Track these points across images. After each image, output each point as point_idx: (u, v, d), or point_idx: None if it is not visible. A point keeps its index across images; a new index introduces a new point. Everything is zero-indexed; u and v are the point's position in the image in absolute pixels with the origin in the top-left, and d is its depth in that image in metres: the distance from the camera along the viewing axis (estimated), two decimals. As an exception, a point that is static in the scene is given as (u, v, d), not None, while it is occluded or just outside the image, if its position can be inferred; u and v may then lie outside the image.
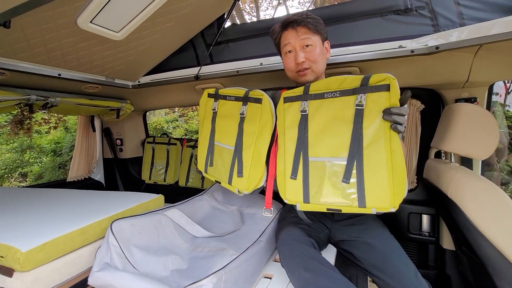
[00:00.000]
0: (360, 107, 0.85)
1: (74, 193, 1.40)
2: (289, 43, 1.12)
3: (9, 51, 1.27)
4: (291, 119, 1.01)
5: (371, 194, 0.85)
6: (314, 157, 0.94)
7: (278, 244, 1.04)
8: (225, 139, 1.22)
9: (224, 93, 1.29)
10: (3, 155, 5.16)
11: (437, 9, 1.25)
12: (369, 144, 0.85)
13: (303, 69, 1.11)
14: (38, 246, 0.74)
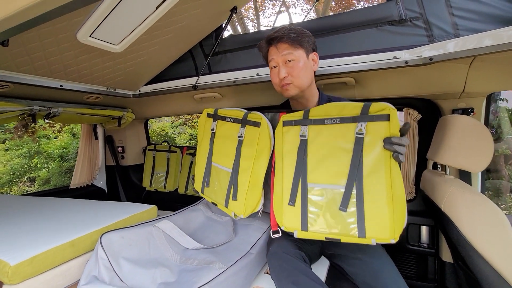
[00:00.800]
0: (360, 135, 0.86)
1: (69, 202, 1.43)
2: (273, 59, 1.16)
3: (12, 65, 1.32)
4: (290, 143, 0.99)
5: (371, 224, 0.84)
6: (313, 184, 0.93)
7: (268, 256, 1.03)
8: (222, 160, 1.20)
9: (223, 114, 1.27)
10: (12, 160, 5.29)
11: (431, 20, 1.25)
12: (369, 172, 0.85)
13: (285, 84, 1.14)
14: (27, 259, 0.76)
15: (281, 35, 1.12)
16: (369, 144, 0.85)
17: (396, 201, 0.83)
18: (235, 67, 1.69)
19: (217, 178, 1.20)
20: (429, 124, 1.54)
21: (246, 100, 1.92)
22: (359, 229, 0.85)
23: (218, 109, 1.31)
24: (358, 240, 0.86)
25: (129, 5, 1.22)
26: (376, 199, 0.84)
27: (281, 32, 1.13)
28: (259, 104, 1.94)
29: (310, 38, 1.16)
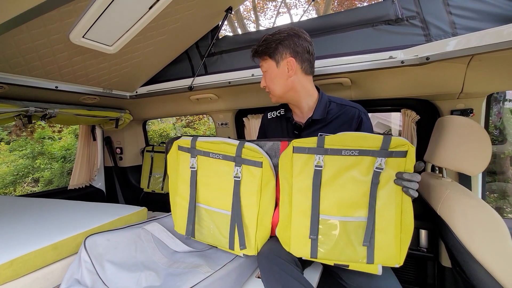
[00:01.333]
0: (379, 170, 0.86)
1: (59, 204, 1.42)
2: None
3: (6, 66, 1.32)
4: (302, 171, 0.94)
5: (380, 252, 0.87)
6: (327, 215, 0.92)
7: (258, 257, 1.01)
8: (216, 202, 1.07)
9: (205, 148, 1.08)
10: (16, 161, 5.36)
11: (428, 19, 1.22)
12: (382, 205, 0.87)
13: (267, 91, 1.22)
14: (6, 262, 0.75)
15: (254, 51, 1.19)
16: (385, 178, 0.87)
17: (404, 231, 0.86)
18: (230, 68, 1.68)
19: (212, 221, 1.07)
20: (427, 125, 1.51)
21: (242, 101, 1.91)
22: (368, 257, 0.88)
23: (197, 140, 1.11)
24: (365, 267, 0.89)
25: (121, 6, 1.22)
26: (386, 229, 0.87)
27: (255, 46, 1.19)
28: (255, 105, 1.92)
29: (282, 43, 1.11)
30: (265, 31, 1.63)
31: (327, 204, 0.92)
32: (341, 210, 0.91)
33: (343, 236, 0.90)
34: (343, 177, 0.91)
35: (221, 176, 1.04)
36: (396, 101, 1.58)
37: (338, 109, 1.19)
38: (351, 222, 0.90)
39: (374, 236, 0.88)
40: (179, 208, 1.14)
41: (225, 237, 1.04)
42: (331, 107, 1.20)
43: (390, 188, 0.86)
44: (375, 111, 1.71)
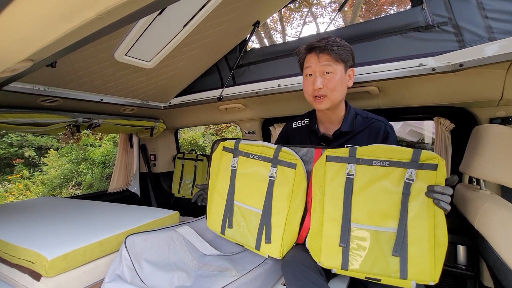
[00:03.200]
0: (410, 181, 0.87)
1: (102, 206, 1.56)
2: (310, 66, 1.13)
3: (62, 83, 1.50)
4: (334, 180, 0.97)
5: (413, 267, 0.86)
6: (357, 224, 0.92)
7: (282, 266, 1.02)
8: (249, 200, 1.11)
9: (246, 150, 1.16)
10: (63, 165, 5.89)
11: (462, 24, 1.18)
12: (413, 217, 0.87)
13: (319, 95, 1.12)
14: (61, 255, 0.86)
15: (324, 46, 1.09)
16: (416, 190, 0.87)
17: (438, 246, 0.84)
18: (257, 79, 1.74)
19: (243, 219, 1.11)
20: (463, 134, 1.43)
21: (268, 110, 1.95)
22: (401, 271, 0.86)
23: (239, 143, 1.19)
24: (398, 282, 0.87)
25: (158, 26, 1.35)
26: (419, 242, 0.86)
27: (324, 42, 1.10)
28: (281, 114, 1.96)
29: (351, 53, 1.14)
30: (294, 42, 1.67)
31: (358, 212, 0.92)
32: (372, 220, 0.91)
33: (374, 247, 0.89)
34: (374, 186, 0.92)
35: (257, 176, 1.10)
36: (428, 109, 1.52)
37: (364, 122, 1.19)
38: (383, 232, 0.89)
39: (406, 249, 0.86)
40: (215, 204, 1.20)
41: (253, 236, 1.07)
42: (357, 120, 1.20)
43: (422, 200, 0.86)
44: (405, 119, 1.66)
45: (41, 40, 0.60)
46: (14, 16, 0.50)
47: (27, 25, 0.54)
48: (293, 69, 1.61)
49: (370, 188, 0.92)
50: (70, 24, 0.51)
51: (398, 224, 0.87)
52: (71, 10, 0.46)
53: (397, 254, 0.86)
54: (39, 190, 5.70)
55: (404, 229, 0.86)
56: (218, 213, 1.18)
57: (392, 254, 0.86)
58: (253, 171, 1.12)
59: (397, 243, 0.86)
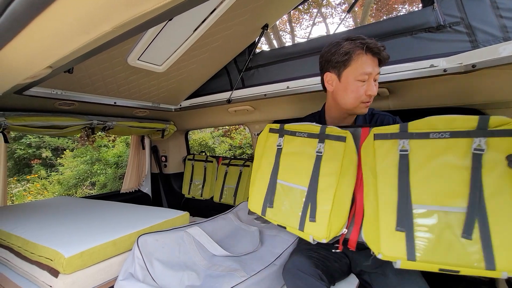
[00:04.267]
0: (479, 152, 0.76)
1: (115, 206, 1.62)
2: (370, 73, 1.03)
3: (77, 87, 1.56)
4: (385, 159, 0.88)
5: (502, 254, 0.71)
6: (420, 205, 0.80)
7: (283, 274, 1.00)
8: (294, 178, 1.05)
9: (292, 129, 1.13)
10: (78, 166, 6.08)
11: (474, 24, 1.16)
12: (492, 194, 0.74)
13: (367, 101, 1.07)
14: (78, 253, 0.90)
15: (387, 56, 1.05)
16: (490, 162, 0.75)
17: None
18: (266, 81, 1.75)
19: (286, 198, 1.05)
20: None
21: (277, 112, 1.96)
22: (486, 260, 0.72)
23: (285, 124, 1.18)
24: (484, 273, 0.74)
25: (169, 31, 1.38)
26: (504, 224, 0.72)
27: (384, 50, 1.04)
28: (289, 116, 1.96)
29: None
30: (303, 44, 1.67)
31: (419, 192, 0.81)
32: (438, 199, 0.79)
33: (445, 231, 0.76)
34: (435, 162, 0.81)
35: (303, 153, 1.05)
36: (440, 111, 1.49)
37: (371, 117, 1.22)
38: (454, 213, 0.76)
39: (488, 232, 0.72)
40: (258, 185, 1.16)
41: (296, 216, 0.99)
42: (365, 117, 1.22)
43: (501, 173, 0.73)
44: (416, 121, 1.63)
45: (61, 51, 0.64)
46: (38, 30, 0.53)
47: (49, 38, 0.58)
48: (301, 71, 1.62)
49: (430, 164, 0.81)
50: (88, 37, 0.54)
51: (468, 202, 0.75)
52: (89, 25, 0.49)
53: (469, 237, 0.73)
54: (56, 189, 5.91)
55: (477, 208, 0.74)
56: (260, 193, 1.13)
57: (462, 236, 0.74)
58: (299, 149, 1.08)
59: (467, 225, 0.74)
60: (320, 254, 1.07)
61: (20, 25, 0.53)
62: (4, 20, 0.51)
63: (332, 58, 1.08)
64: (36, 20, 0.49)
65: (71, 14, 0.52)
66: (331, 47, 1.10)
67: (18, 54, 0.73)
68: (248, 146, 6.13)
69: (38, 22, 0.49)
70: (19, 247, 1.05)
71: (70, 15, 0.52)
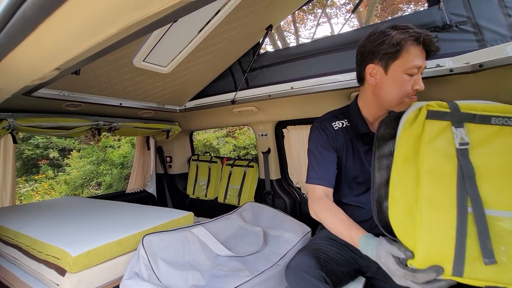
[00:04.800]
0: None
1: (120, 206, 1.64)
2: (420, 66, 0.93)
3: (84, 88, 1.59)
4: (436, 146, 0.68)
5: None
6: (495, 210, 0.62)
7: (286, 273, 0.96)
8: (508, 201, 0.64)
9: (481, 111, 0.69)
10: (85, 166, 6.16)
11: (482, 23, 1.14)
12: None
13: (414, 95, 0.97)
14: (84, 252, 0.91)
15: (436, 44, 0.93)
16: None
17: None
18: (270, 82, 1.75)
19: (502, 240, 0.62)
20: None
21: (281, 113, 1.96)
22: None
23: (458, 103, 0.73)
24: None
25: (174, 32, 1.39)
26: None
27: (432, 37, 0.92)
28: (294, 117, 1.96)
29: None
30: (307, 44, 1.67)
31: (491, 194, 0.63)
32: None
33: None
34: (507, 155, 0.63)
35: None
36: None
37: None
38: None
39: None
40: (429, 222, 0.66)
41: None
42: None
43: None
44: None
45: (69, 53, 0.65)
46: (47, 33, 0.55)
47: (57, 40, 0.59)
48: (305, 71, 1.61)
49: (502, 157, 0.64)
50: (94, 39, 0.55)
51: None
52: (96, 28, 0.50)
53: None
54: (62, 189, 5.99)
55: None
56: (443, 236, 0.65)
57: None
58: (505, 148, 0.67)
59: None
60: (328, 256, 1.02)
61: (29, 27, 0.54)
62: (15, 22, 0.52)
63: (379, 48, 0.95)
64: (45, 22, 0.50)
65: (79, 16, 0.53)
66: (377, 35, 0.97)
67: (27, 56, 0.75)
68: (252, 146, 6.13)
69: (47, 24, 0.51)
70: (27, 246, 1.07)
71: (78, 17, 0.53)
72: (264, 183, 2.20)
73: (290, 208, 2.12)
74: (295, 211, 2.15)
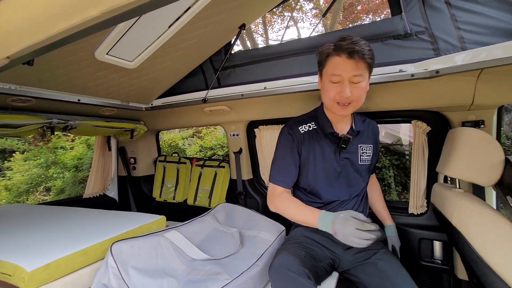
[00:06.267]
0: None
1: (81, 212, 1.48)
2: (340, 75, 1.03)
3: (36, 82, 1.41)
4: None
5: None
6: None
7: (269, 272, 1.00)
8: None
9: None
10: (30, 170, 5.49)
11: (437, 34, 1.26)
12: None
13: (345, 103, 1.07)
14: (42, 266, 0.80)
15: (362, 51, 0.99)
16: None
17: None
18: (243, 81, 1.74)
19: None
20: (438, 136, 1.53)
21: (254, 112, 1.96)
22: None
23: None
24: None
25: (143, 25, 1.30)
26: None
27: (361, 46, 1.00)
28: (266, 117, 1.97)
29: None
30: (279, 45, 1.69)
31: None
32: None
33: None
34: None
35: None
36: (407, 113, 1.61)
37: (362, 120, 1.32)
38: None
39: None
40: None
41: None
42: (358, 119, 1.31)
43: None
44: (386, 122, 1.74)
45: (31, 38, 0.56)
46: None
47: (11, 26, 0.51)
48: (278, 72, 1.63)
49: None
50: (69, 22, 0.48)
51: None
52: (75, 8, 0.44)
53: None
54: (2, 196, 5.27)
55: None
56: None
57: None
58: None
59: None
60: (308, 253, 1.08)
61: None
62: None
63: (317, 57, 1.16)
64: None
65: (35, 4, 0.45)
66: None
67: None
68: (219, 147, 6.04)
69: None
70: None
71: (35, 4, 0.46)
72: (235, 183, 2.18)
73: (262, 207, 2.12)
74: (268, 211, 2.16)
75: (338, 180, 1.23)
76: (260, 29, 8.53)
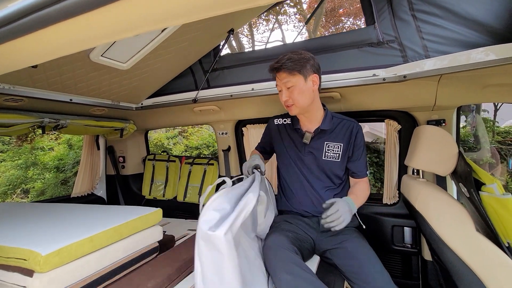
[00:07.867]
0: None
1: (80, 207, 1.53)
2: (277, 84, 1.35)
3: (29, 81, 1.44)
4: None
5: None
6: None
7: (264, 249, 1.15)
8: None
9: None
10: (8, 171, 5.29)
11: (405, 43, 1.42)
12: None
13: (288, 105, 1.34)
14: (55, 250, 0.87)
15: (279, 66, 1.28)
16: None
17: None
18: (232, 83, 1.84)
19: None
20: (408, 133, 1.71)
21: (241, 112, 2.07)
22: None
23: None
24: None
25: (138, 29, 1.38)
26: None
27: (281, 62, 1.28)
28: (253, 116, 2.09)
29: (308, 62, 1.30)
30: (265, 50, 1.81)
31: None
32: None
33: None
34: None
35: None
36: (381, 113, 1.78)
37: (338, 121, 1.44)
38: None
39: None
40: None
41: None
42: (333, 120, 1.43)
43: None
44: (362, 121, 1.90)
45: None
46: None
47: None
48: (264, 74, 1.75)
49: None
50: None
51: None
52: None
53: None
54: (-23, 199, 5.05)
55: None
56: None
57: None
58: None
59: None
60: (294, 234, 1.24)
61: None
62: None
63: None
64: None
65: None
66: None
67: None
68: (205, 146, 6.08)
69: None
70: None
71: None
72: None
73: (250, 202, 2.23)
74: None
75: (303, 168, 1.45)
76: (246, 30, 8.64)
